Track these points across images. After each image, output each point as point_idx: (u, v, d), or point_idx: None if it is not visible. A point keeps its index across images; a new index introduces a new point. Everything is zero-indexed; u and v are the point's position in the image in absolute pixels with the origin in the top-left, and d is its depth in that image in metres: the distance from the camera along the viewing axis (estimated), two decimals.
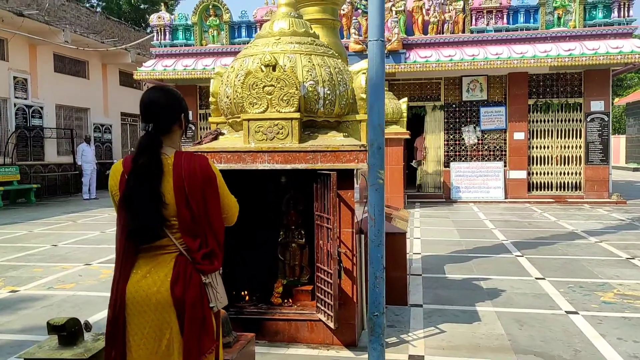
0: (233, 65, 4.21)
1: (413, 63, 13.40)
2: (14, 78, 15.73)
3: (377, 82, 2.40)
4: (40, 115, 16.85)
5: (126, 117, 22.03)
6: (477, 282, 5.74)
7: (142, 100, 2.22)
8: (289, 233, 4.46)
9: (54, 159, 17.43)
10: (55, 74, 17.56)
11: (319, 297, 3.92)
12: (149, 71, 14.82)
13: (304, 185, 4.27)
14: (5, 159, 15.14)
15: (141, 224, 2.07)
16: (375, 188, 2.53)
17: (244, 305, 4.18)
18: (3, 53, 15.46)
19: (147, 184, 2.08)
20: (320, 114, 4.01)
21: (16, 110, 15.85)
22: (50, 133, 17.22)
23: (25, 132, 16.13)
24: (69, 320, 2.49)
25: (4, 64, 15.39)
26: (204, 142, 4.14)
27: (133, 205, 2.08)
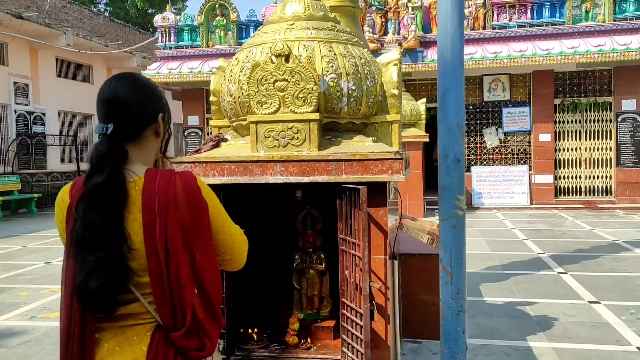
0: (237, 57, 3.49)
1: (431, 62, 12.65)
2: (14, 83, 15.15)
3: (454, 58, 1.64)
4: (42, 122, 16.28)
5: None
6: (522, 307, 4.97)
7: (100, 93, 1.50)
8: (306, 257, 3.73)
9: (58, 167, 16.85)
10: (58, 79, 16.99)
11: (344, 340, 3.18)
12: (153, 74, 14.18)
13: (324, 199, 3.54)
14: (5, 168, 14.55)
15: (98, 284, 1.34)
16: (453, 224, 1.75)
17: (252, 347, 3.44)
18: (2, 57, 14.89)
19: (104, 218, 1.36)
20: (343, 115, 3.28)
21: (17, 116, 15.27)
22: (53, 140, 16.64)
23: (26, 140, 15.54)
24: None
25: (3, 69, 14.81)
26: (203, 150, 3.42)
27: (85, 253, 1.35)
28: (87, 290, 1.34)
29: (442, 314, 1.91)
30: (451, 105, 1.68)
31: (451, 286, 1.79)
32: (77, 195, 1.42)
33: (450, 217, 1.77)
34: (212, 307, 1.46)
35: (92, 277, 1.34)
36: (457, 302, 1.83)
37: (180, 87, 15.22)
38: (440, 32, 1.65)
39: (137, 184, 1.43)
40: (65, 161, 17.38)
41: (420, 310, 4.37)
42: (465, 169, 13.60)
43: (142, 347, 1.40)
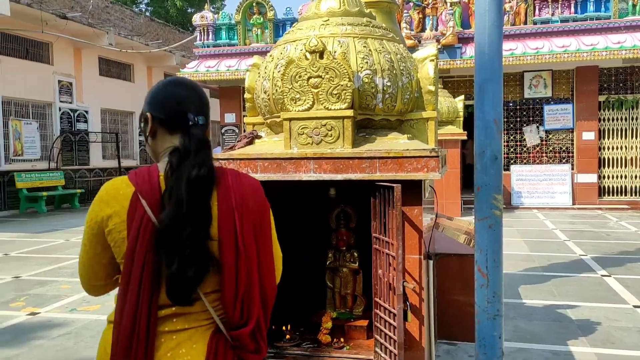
0: (272, 53, 3.48)
1: (470, 58, 12.40)
2: (59, 82, 15.62)
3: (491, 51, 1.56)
4: (85, 120, 16.73)
5: None
6: (563, 310, 4.81)
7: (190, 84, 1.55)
8: (339, 255, 3.69)
9: (99, 164, 17.29)
10: (100, 78, 17.43)
11: (377, 340, 3.13)
12: (192, 73, 14.38)
13: (358, 198, 3.49)
14: (50, 164, 15.02)
15: (194, 273, 1.33)
16: (489, 224, 1.68)
17: (285, 344, 3.43)
18: (48, 57, 15.37)
19: (203, 209, 1.35)
20: (378, 111, 3.23)
21: (61, 114, 15.75)
22: (95, 137, 17.09)
23: (70, 137, 16.01)
24: None
25: (48, 68, 15.29)
26: (237, 147, 3.42)
27: (180, 243, 1.32)
28: (183, 279, 1.32)
29: (477, 317, 1.84)
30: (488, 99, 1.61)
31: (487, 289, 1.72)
32: (145, 185, 1.38)
33: (486, 217, 1.70)
34: (267, 308, 1.50)
35: (189, 266, 1.32)
36: (493, 305, 1.76)
37: (217, 85, 15.39)
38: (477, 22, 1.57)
39: None
40: (107, 158, 17.82)
41: (456, 311, 4.28)
42: (505, 168, 13.32)
43: (201, 348, 1.39)
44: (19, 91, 14.22)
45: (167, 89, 1.53)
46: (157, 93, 1.53)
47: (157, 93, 1.53)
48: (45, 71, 15.14)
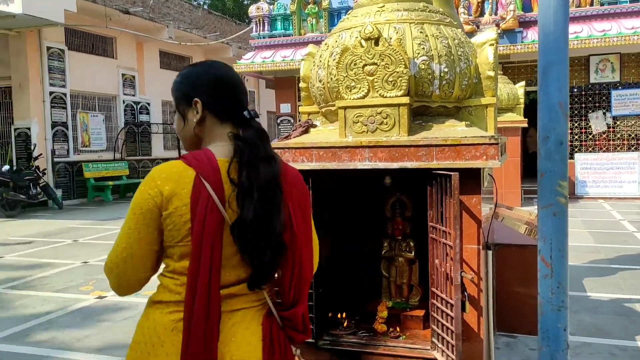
0: (327, 42, 3.47)
1: (531, 43, 11.95)
2: (123, 75, 16.22)
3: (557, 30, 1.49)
4: (147, 112, 17.31)
5: None
6: (631, 304, 4.59)
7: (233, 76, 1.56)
8: (395, 245, 3.66)
9: (161, 154, 17.87)
10: (161, 70, 17.95)
11: (434, 331, 3.09)
12: (248, 64, 14.57)
13: (414, 186, 3.45)
14: (115, 155, 15.66)
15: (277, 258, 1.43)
16: (553, 212, 1.61)
17: (340, 332, 3.45)
18: (112, 51, 15.97)
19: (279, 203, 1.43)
20: (435, 98, 3.17)
21: (125, 106, 16.36)
22: (157, 128, 17.66)
23: (133, 128, 16.62)
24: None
25: (113, 62, 15.89)
26: (292, 136, 3.45)
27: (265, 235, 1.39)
28: (271, 267, 1.42)
29: (540, 309, 1.77)
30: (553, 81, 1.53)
31: (551, 279, 1.66)
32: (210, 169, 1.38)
33: (550, 205, 1.63)
34: (307, 291, 1.54)
35: (277, 256, 1.42)
36: (558, 297, 1.69)
37: (273, 76, 15.53)
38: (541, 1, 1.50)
39: None
40: (168, 148, 18.38)
41: (515, 303, 4.17)
42: (568, 156, 12.79)
43: (257, 329, 1.43)
44: (86, 85, 14.86)
45: (221, 75, 1.52)
46: (208, 79, 1.51)
47: (208, 79, 1.51)
48: (110, 65, 15.75)
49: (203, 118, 1.49)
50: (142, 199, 1.37)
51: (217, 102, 1.49)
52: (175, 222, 1.36)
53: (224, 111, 1.49)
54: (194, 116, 1.49)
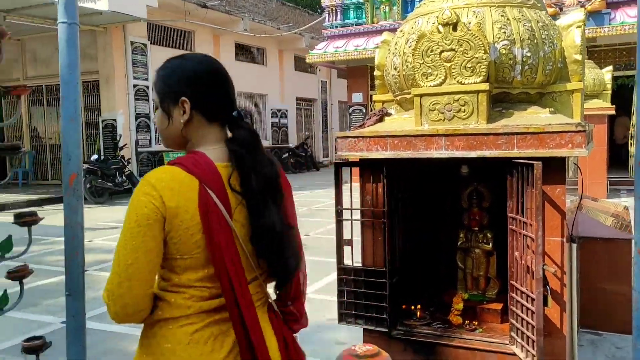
0: (402, 29, 3.41)
1: (620, 25, 11.21)
2: None
3: None
4: None
5: (301, 101, 22.51)
6: None
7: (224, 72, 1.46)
8: (471, 236, 3.57)
9: None
10: (236, 62, 18.41)
11: (513, 325, 2.99)
12: (320, 54, 14.64)
13: (492, 176, 3.34)
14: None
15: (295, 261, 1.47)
16: None
17: (414, 323, 3.41)
18: (190, 44, 16.53)
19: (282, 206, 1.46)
20: (516, 84, 3.04)
21: None
22: None
23: None
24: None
25: None
26: (367, 125, 3.43)
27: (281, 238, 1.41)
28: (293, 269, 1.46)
29: (634, 304, 1.66)
30: None
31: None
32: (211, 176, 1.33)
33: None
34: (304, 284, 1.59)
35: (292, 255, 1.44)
36: None
37: (345, 65, 15.52)
38: None
39: None
40: None
41: (601, 299, 3.96)
42: None
43: (264, 323, 1.43)
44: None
45: (212, 71, 1.43)
46: (198, 75, 1.41)
47: (198, 75, 1.41)
48: None
49: (190, 118, 1.40)
50: (148, 210, 1.26)
51: (206, 101, 1.40)
52: (182, 235, 1.29)
53: (213, 111, 1.41)
54: (180, 116, 1.39)
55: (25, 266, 1.88)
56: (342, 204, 3.32)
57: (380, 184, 3.22)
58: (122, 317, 1.30)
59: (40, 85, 15.14)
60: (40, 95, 15.38)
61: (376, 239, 3.26)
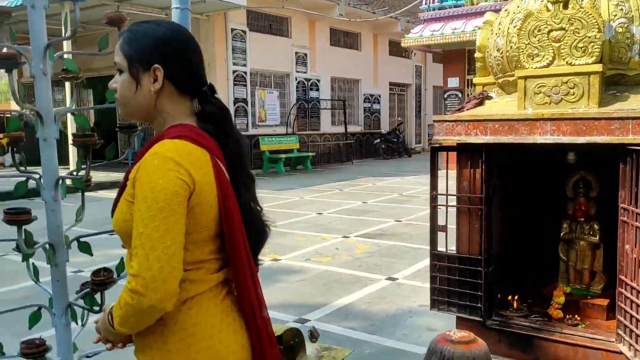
0: (507, 8, 3.27)
1: None
2: (296, 53, 17.05)
3: None
4: (317, 88, 18.03)
5: (394, 86, 22.25)
6: None
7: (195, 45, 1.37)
8: (576, 227, 3.38)
9: (328, 129, 18.54)
10: (331, 48, 18.51)
11: (620, 322, 2.81)
12: (416, 37, 14.35)
13: (600, 163, 3.14)
14: (287, 129, 16.62)
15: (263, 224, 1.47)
16: None
17: (510, 314, 3.30)
18: (287, 30, 16.84)
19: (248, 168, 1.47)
20: (633, 65, 2.82)
21: (297, 83, 17.22)
22: (326, 104, 18.32)
23: (304, 104, 17.45)
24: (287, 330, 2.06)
25: (287, 41, 16.76)
26: (466, 109, 3.33)
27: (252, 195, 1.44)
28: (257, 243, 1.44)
29: None
30: None
31: None
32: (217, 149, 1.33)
33: None
34: None
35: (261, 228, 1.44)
36: None
37: (441, 49, 15.12)
38: None
39: None
40: (335, 124, 19.00)
41: None
42: None
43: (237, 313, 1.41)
44: (264, 63, 15.91)
45: (184, 41, 1.34)
46: (174, 42, 1.32)
47: (174, 42, 1.32)
48: (284, 44, 16.65)
49: (161, 88, 1.31)
50: (177, 187, 1.19)
51: (179, 70, 1.31)
52: (204, 209, 1.25)
53: (185, 81, 1.33)
54: (151, 85, 1.30)
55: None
56: (437, 190, 3.26)
57: (478, 170, 3.13)
58: (163, 305, 1.18)
59: None
60: None
61: (472, 226, 3.18)
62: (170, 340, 1.25)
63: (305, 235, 6.89)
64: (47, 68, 1.86)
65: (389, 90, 21.82)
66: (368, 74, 20.39)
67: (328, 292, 4.59)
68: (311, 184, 12.58)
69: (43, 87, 1.86)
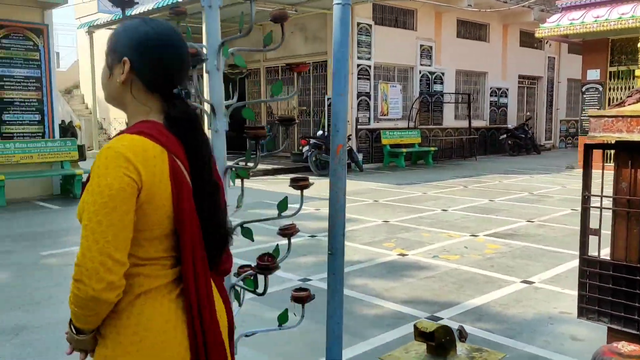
0: None
1: None
2: (421, 46, 16.78)
3: None
4: (441, 81, 17.62)
5: (524, 79, 21.14)
6: None
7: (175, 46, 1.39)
8: None
9: (451, 124, 18.07)
10: (457, 40, 17.98)
11: None
12: (553, 27, 13.48)
13: None
14: (409, 123, 16.44)
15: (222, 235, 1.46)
16: None
17: None
18: (413, 23, 16.62)
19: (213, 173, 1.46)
20: None
21: (420, 77, 16.95)
22: (449, 98, 17.86)
23: (427, 98, 17.14)
24: (440, 328, 2.03)
25: (412, 34, 16.54)
26: (627, 103, 3.06)
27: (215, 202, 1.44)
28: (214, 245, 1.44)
29: None
30: None
31: None
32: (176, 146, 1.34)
33: None
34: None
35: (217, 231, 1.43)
36: None
37: (581, 39, 14.07)
38: None
39: None
40: (458, 118, 18.46)
41: None
42: None
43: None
44: (388, 56, 15.84)
45: (160, 42, 1.36)
46: (139, 36, 1.36)
47: (139, 36, 1.36)
48: (409, 37, 16.45)
49: (129, 80, 1.36)
50: (124, 184, 1.22)
51: (146, 68, 1.35)
52: (156, 207, 1.28)
53: (151, 80, 1.36)
54: (119, 75, 1.36)
55: (293, 225, 2.12)
56: (590, 190, 3.04)
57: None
58: (105, 296, 1.21)
59: (277, 65, 16.79)
60: (276, 75, 17.05)
61: (631, 231, 2.92)
62: (124, 333, 1.28)
63: (430, 232, 6.78)
64: (220, 64, 1.99)
65: (517, 83, 20.76)
66: (495, 66, 19.54)
67: (459, 291, 4.48)
68: (433, 179, 12.35)
69: (217, 82, 2.00)
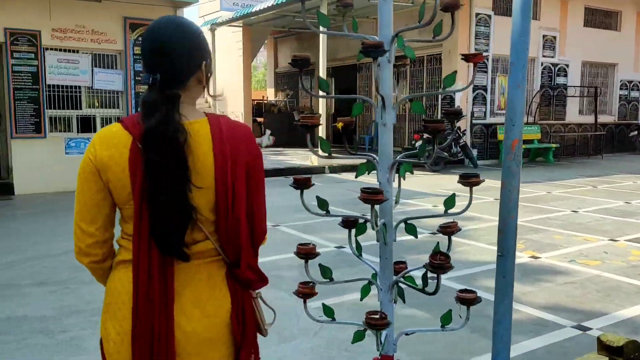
0: None
1: None
2: (544, 37, 15.83)
3: None
4: (564, 74, 16.53)
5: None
6: None
7: (147, 42, 1.47)
8: None
9: (575, 119, 16.92)
10: (584, 29, 16.75)
11: None
12: None
13: None
14: (528, 118, 15.59)
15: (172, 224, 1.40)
16: None
17: None
18: (536, 12, 15.68)
19: (162, 158, 1.37)
20: None
21: (542, 69, 16.00)
22: (574, 91, 16.71)
23: (548, 91, 16.15)
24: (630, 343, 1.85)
25: (535, 23, 15.59)
26: None
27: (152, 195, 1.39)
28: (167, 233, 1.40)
29: None
30: None
31: None
32: (138, 132, 1.41)
33: None
34: (256, 249, 1.55)
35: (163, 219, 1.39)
36: None
37: None
38: None
39: (194, 125, 1.44)
40: (583, 113, 17.26)
41: None
42: None
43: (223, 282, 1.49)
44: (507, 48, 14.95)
45: (146, 35, 1.48)
46: (145, 35, 1.49)
47: (145, 35, 1.49)
48: (532, 27, 15.46)
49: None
50: (84, 163, 1.45)
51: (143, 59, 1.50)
52: (116, 186, 1.42)
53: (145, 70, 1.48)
54: None
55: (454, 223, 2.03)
56: None
57: None
58: (78, 258, 1.51)
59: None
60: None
61: None
62: (105, 293, 1.51)
63: (562, 234, 6.35)
64: (392, 56, 1.95)
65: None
66: (627, 57, 17.96)
67: (605, 300, 4.15)
68: (556, 177, 11.61)
69: (387, 74, 1.96)
